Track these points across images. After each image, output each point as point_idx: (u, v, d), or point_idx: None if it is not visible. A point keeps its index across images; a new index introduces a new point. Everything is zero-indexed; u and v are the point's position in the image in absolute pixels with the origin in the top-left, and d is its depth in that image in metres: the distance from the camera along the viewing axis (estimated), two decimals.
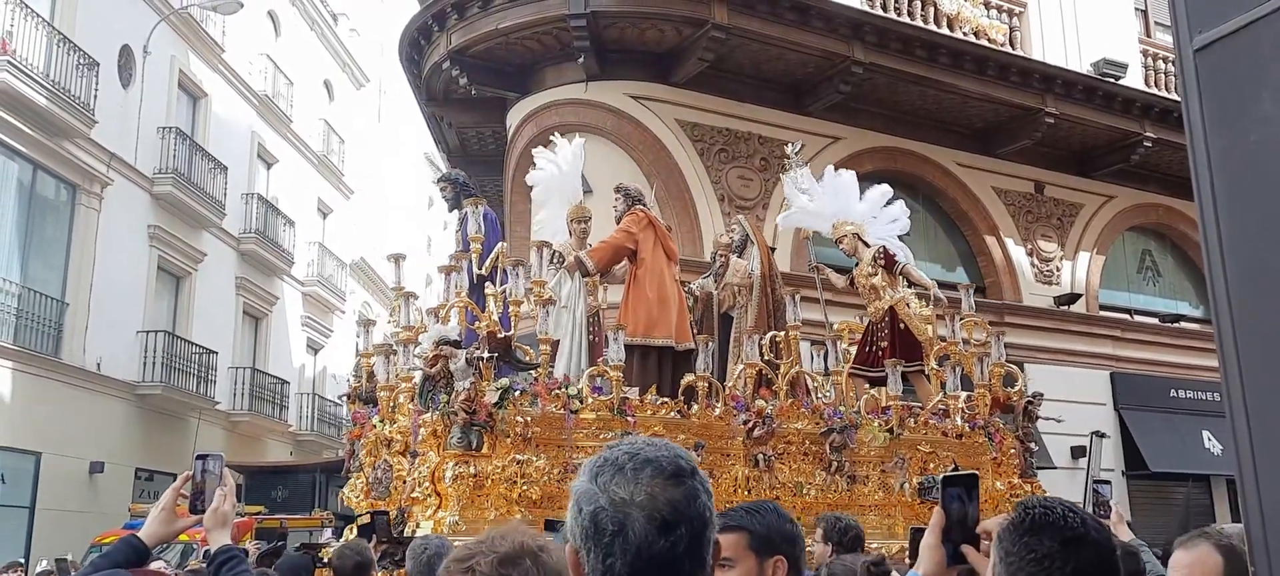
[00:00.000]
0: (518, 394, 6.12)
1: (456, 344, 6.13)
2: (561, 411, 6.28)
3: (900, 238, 9.16)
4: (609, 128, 12.32)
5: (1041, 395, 8.53)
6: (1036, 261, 14.67)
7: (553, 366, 7.36)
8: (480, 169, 15.32)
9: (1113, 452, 14.31)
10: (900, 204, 9.29)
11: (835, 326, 9.01)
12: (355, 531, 5.33)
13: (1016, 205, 14.71)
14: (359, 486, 7.02)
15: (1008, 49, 13.85)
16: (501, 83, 12.89)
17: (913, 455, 7.47)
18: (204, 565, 4.65)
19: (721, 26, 11.48)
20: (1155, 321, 15.72)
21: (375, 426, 7.06)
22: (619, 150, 12.30)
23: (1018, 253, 14.50)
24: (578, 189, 8.53)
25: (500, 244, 7.43)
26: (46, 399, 15.20)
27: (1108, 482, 5.05)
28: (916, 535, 5.68)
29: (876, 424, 7.33)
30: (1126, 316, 15.52)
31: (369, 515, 5.31)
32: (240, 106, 21.77)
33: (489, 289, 6.99)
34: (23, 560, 13.83)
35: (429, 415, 6.12)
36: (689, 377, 6.86)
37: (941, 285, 13.98)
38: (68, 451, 15.65)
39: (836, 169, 10.01)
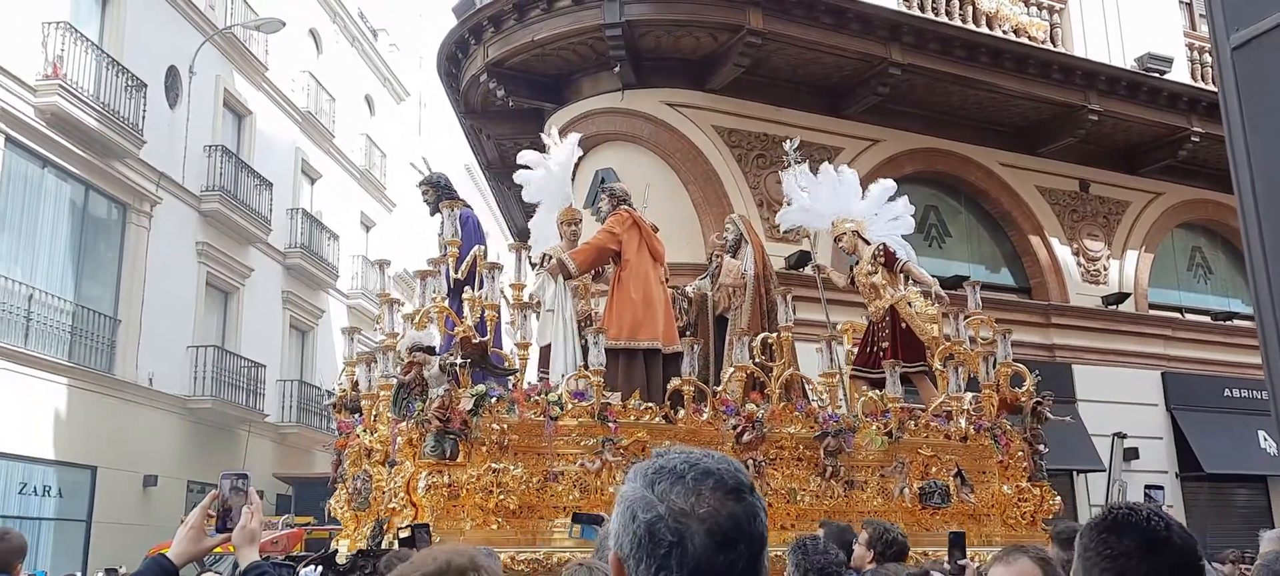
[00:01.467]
0: (494, 400, 5.95)
1: (430, 350, 5.97)
2: (540, 418, 6.11)
3: (903, 236, 8.89)
4: (646, 136, 12.34)
5: (1051, 395, 8.18)
6: (1083, 261, 14.45)
7: (546, 371, 7.27)
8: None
9: (1165, 454, 14.03)
10: (903, 200, 9.02)
11: (839, 327, 8.80)
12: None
13: (1061, 204, 14.50)
14: (342, 497, 6.88)
15: (1049, 46, 13.67)
16: (538, 94, 12.96)
17: (913, 459, 7.24)
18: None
19: (757, 32, 11.46)
20: (1207, 319, 15.41)
21: (359, 436, 6.91)
22: (656, 158, 12.32)
23: (1063, 252, 14.29)
24: (568, 191, 8.35)
25: (477, 247, 7.11)
26: (101, 414, 15.52)
27: (1161, 487, 4.94)
28: (956, 538, 5.62)
29: (874, 427, 7.13)
30: (1177, 315, 15.21)
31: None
32: (284, 123, 22.10)
33: (466, 294, 6.79)
34: (79, 573, 14.11)
35: (404, 424, 5.95)
36: (676, 382, 6.70)
37: (986, 287, 13.99)
38: (122, 465, 15.96)
39: (880, 175, 9.94)
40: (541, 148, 13.99)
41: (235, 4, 19.89)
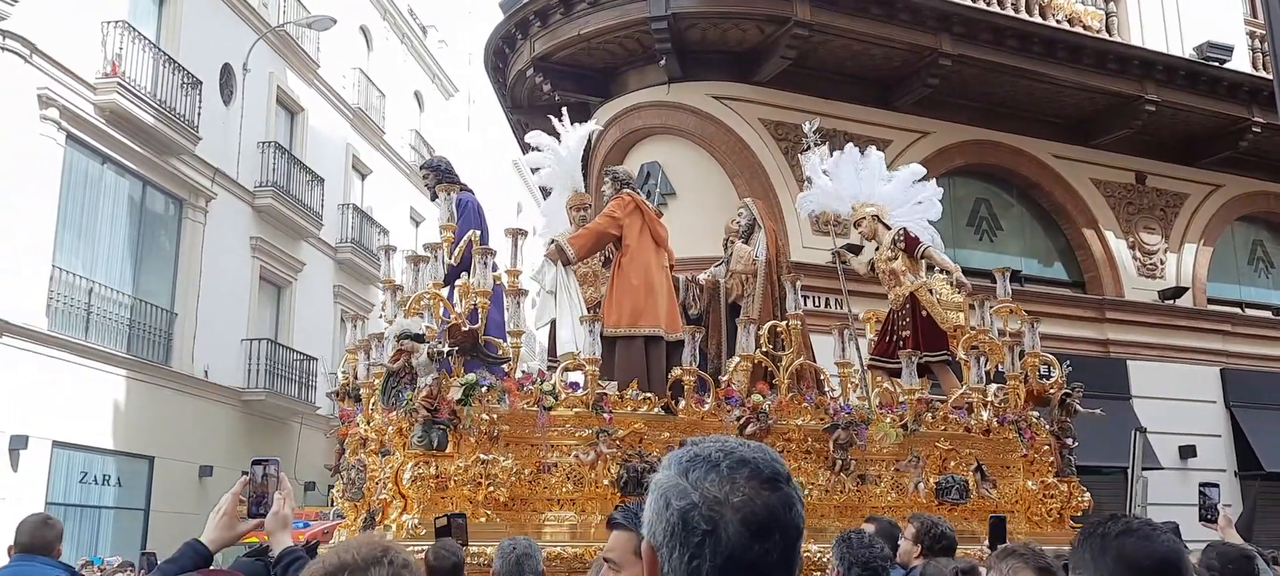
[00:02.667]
0: (485, 390, 5.74)
1: (419, 338, 5.77)
2: (533, 409, 5.91)
3: (931, 221, 8.57)
4: (692, 129, 12.31)
5: (1081, 386, 7.76)
6: (1139, 255, 14.14)
7: (554, 354, 7.01)
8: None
9: (1224, 452, 13.71)
10: (931, 184, 8.68)
11: (861, 316, 8.51)
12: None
13: (1116, 197, 14.20)
14: (339, 487, 6.80)
15: (1104, 35, 13.38)
16: (584, 88, 12.98)
17: (929, 453, 6.93)
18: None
19: (804, 23, 11.37)
20: (1269, 315, 15.01)
21: (357, 425, 6.80)
22: (702, 152, 12.29)
23: (1119, 246, 14.00)
24: (578, 176, 8.16)
25: (472, 231, 6.78)
26: (158, 405, 15.86)
27: (1216, 485, 4.78)
28: (997, 524, 5.52)
29: (889, 419, 6.84)
30: (1237, 310, 14.84)
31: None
32: (335, 120, 22.40)
33: (460, 281, 6.51)
34: (134, 562, 14.43)
35: (395, 413, 5.81)
36: (676, 371, 6.45)
37: (1038, 281, 13.76)
38: (179, 455, 16.30)
39: (930, 168, 9.61)
40: (587, 142, 14.04)
41: (288, 2, 20.20)
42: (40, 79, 13.59)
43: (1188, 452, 13.18)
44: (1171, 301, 13.95)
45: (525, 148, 16.09)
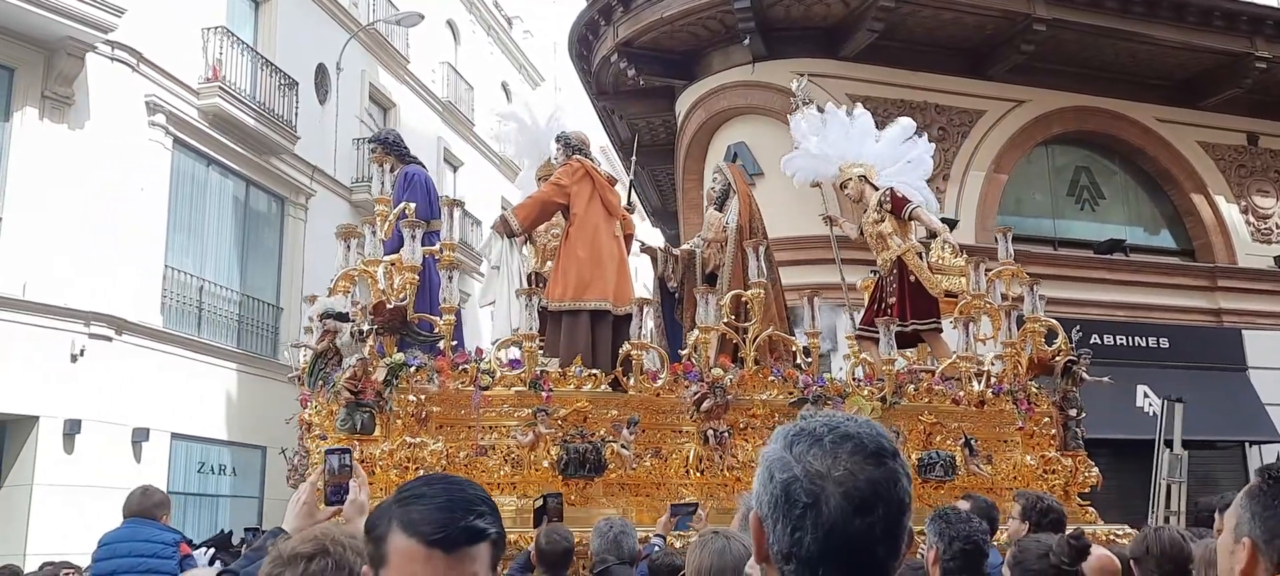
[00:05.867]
0: (414, 370, 5.46)
1: (343, 317, 5.57)
2: (467, 388, 5.59)
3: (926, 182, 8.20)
4: (778, 108, 12.16)
5: (1088, 353, 7.15)
6: (1252, 219, 13.52)
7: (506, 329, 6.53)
8: (652, 158, 15.47)
9: None
10: (923, 141, 8.24)
11: (859, 285, 8.10)
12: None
13: (1227, 160, 13.60)
14: (286, 473, 6.82)
15: None
16: (669, 71, 12.98)
17: (912, 428, 6.48)
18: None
19: None
20: None
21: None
22: (787, 130, 12.15)
23: (1230, 211, 13.41)
24: (547, 146, 7.77)
25: (407, 203, 6.40)
26: (267, 397, 16.43)
27: None
28: (1026, 499, 5.35)
29: (866, 392, 6.41)
30: None
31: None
32: (426, 114, 22.83)
33: (392, 257, 6.13)
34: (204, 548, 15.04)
35: (324, 397, 5.57)
36: (627, 346, 6.07)
37: (1145, 250, 13.27)
38: (289, 445, 16.86)
39: (1027, 137, 9.35)
40: (673, 125, 14.03)
41: (377, 0, 20.65)
42: (147, 87, 14.17)
43: None
44: None
45: (611, 133, 16.22)
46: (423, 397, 5.50)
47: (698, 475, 5.91)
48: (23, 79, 12.67)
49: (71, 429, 12.41)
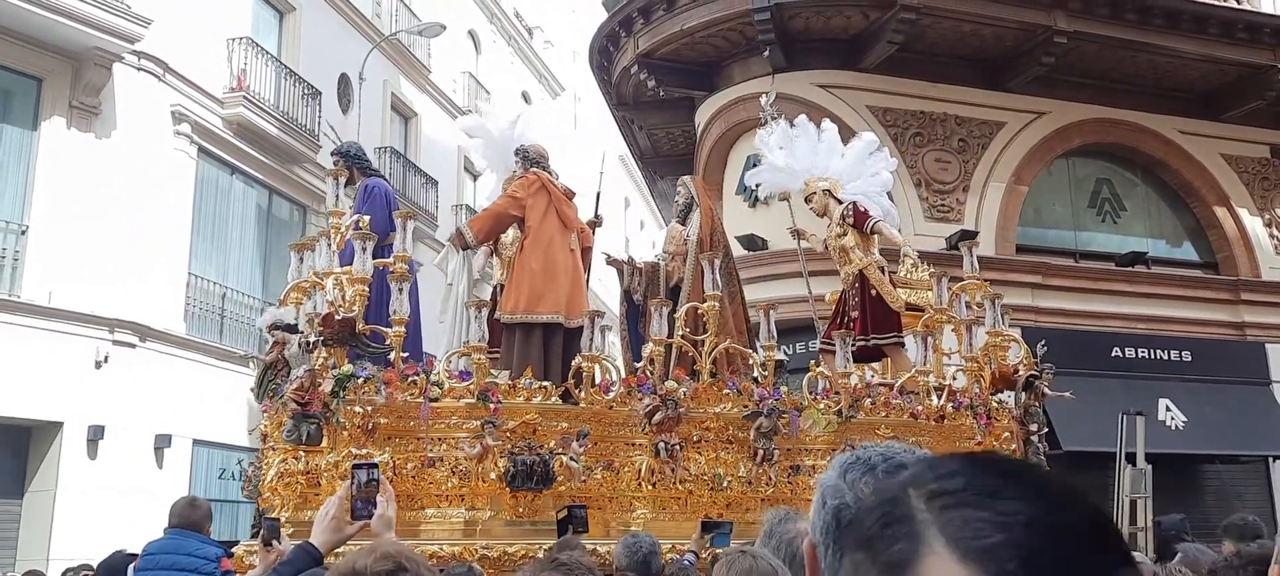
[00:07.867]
0: (362, 381, 5.46)
1: (292, 328, 5.60)
2: (415, 400, 5.58)
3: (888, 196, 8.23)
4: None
5: (1050, 367, 7.03)
6: (1276, 232, 13.41)
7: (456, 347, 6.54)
8: (672, 168, 15.49)
9: None
10: (884, 155, 8.33)
11: (827, 297, 8.16)
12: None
13: (1250, 172, 13.50)
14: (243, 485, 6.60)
15: (1232, 3, 12.73)
16: (689, 82, 13.01)
17: (867, 442, 6.35)
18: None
19: (911, 7, 11.14)
20: None
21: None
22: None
23: (1254, 223, 13.30)
24: (510, 157, 7.83)
25: (361, 215, 6.35)
26: None
27: None
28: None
29: (823, 405, 6.35)
30: None
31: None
32: (447, 123, 22.96)
33: (343, 269, 6.09)
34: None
35: (274, 408, 5.57)
36: (578, 359, 6.07)
37: (1167, 263, 13.18)
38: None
39: (1047, 149, 9.26)
40: (693, 136, 14.07)
41: (399, 11, 20.81)
42: (173, 96, 14.34)
43: None
44: None
45: (631, 144, 16.27)
46: (370, 409, 5.49)
47: (650, 488, 5.90)
48: (51, 89, 12.85)
49: (95, 435, 12.54)
